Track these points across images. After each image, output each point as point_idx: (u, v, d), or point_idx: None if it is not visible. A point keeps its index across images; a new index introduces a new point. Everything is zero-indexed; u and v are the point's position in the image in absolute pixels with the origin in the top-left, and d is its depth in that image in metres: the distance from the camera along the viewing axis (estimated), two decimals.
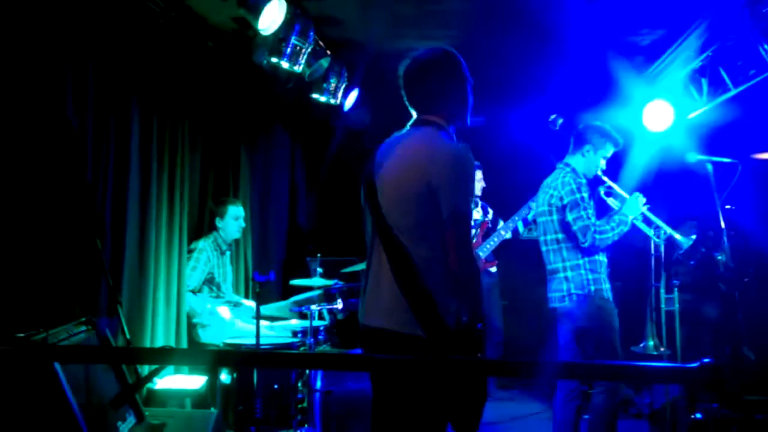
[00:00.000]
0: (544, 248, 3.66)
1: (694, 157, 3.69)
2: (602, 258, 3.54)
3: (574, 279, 3.48)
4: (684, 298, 4.34)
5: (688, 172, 4.09)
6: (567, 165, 3.65)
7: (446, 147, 2.23)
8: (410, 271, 2.14)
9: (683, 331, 4.21)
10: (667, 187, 5.83)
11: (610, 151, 3.66)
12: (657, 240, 3.85)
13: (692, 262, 3.91)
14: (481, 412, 2.16)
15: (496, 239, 5.18)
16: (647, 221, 3.78)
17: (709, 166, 3.66)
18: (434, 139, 2.26)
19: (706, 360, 1.50)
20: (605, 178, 3.73)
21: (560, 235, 3.54)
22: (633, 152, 4.97)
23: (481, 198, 5.53)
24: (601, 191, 3.79)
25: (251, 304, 4.49)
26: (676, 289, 4.16)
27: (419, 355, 2.10)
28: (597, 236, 3.40)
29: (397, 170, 2.26)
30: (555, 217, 3.54)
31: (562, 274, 3.53)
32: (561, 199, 3.50)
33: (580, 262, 3.49)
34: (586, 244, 3.42)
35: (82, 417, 2.26)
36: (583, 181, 3.55)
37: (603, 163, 3.67)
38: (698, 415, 3.83)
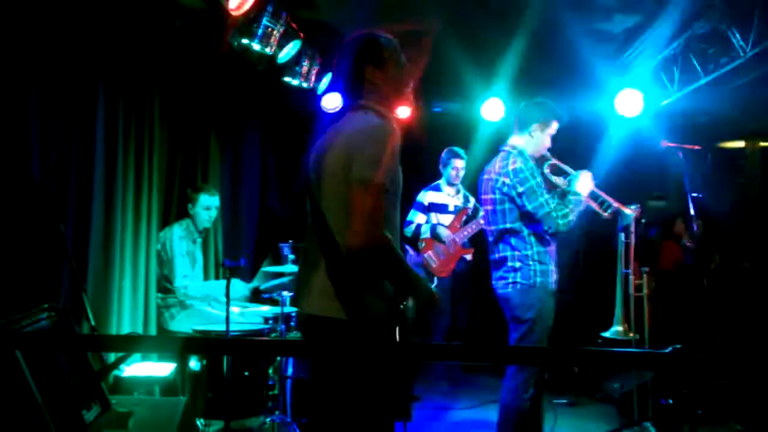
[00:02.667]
0: (491, 238, 3.53)
1: (665, 144, 3.71)
2: (551, 248, 3.44)
3: (522, 269, 3.37)
4: (652, 284, 4.41)
5: (660, 158, 4.12)
6: (514, 148, 3.48)
7: (366, 122, 2.22)
8: (339, 256, 2.14)
9: (652, 316, 4.27)
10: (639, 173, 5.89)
11: (555, 127, 3.52)
12: (604, 215, 3.75)
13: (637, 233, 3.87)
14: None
15: (474, 227, 5.23)
16: (593, 196, 3.66)
17: (680, 154, 3.68)
18: (359, 120, 2.24)
19: (676, 345, 1.51)
20: (549, 155, 3.58)
21: (510, 225, 3.41)
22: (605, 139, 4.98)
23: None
24: (545, 169, 3.60)
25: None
26: (645, 274, 4.20)
27: (344, 337, 2.13)
28: (560, 221, 3.32)
29: (324, 156, 2.25)
30: (507, 206, 3.41)
31: (510, 264, 3.41)
32: (514, 188, 3.36)
33: (529, 252, 3.37)
34: (552, 230, 3.33)
35: (45, 406, 2.20)
36: (533, 164, 3.42)
37: (548, 141, 3.53)
38: (666, 400, 3.90)
